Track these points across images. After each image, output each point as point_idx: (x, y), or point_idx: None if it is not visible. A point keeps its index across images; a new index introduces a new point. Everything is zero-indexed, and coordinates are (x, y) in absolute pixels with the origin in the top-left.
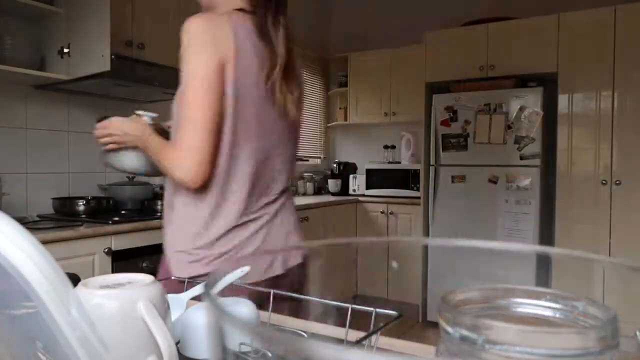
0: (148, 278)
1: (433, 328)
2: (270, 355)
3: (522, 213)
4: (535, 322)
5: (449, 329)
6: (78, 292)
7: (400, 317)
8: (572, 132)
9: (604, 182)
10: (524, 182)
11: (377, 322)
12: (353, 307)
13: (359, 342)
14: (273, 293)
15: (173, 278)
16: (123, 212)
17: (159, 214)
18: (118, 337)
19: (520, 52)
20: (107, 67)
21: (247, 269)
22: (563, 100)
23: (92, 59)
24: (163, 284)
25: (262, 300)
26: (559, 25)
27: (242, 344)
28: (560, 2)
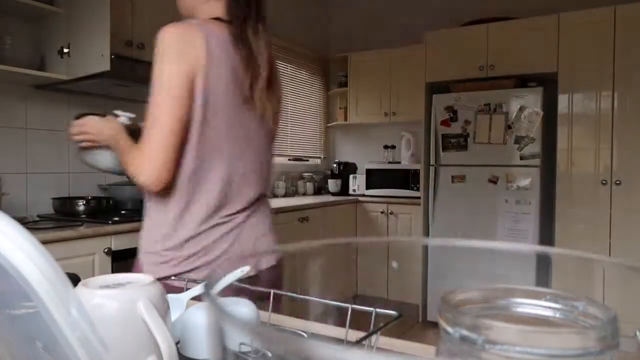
0: (148, 278)
1: (433, 328)
2: (270, 355)
3: (522, 213)
4: (535, 322)
5: (449, 329)
6: (78, 292)
7: (400, 317)
8: (572, 132)
9: (604, 182)
10: (524, 182)
11: (377, 322)
12: (353, 307)
13: (359, 342)
14: (273, 293)
15: (173, 278)
16: (123, 212)
17: None
18: (118, 337)
19: (520, 52)
20: (107, 67)
21: (247, 269)
22: (563, 100)
23: (92, 59)
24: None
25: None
26: (559, 25)
27: (242, 344)
28: (560, 2)
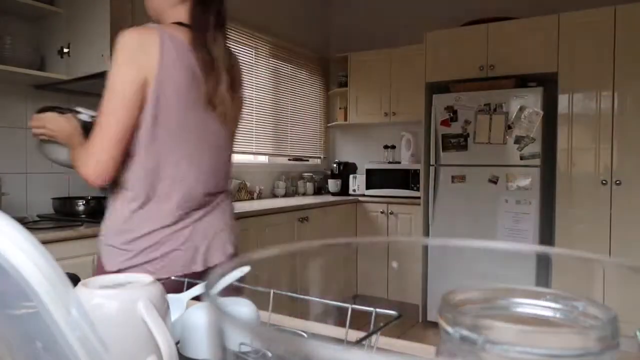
0: (148, 278)
1: (433, 328)
2: (270, 355)
3: (522, 213)
4: (535, 322)
5: (449, 329)
6: (78, 292)
7: (400, 317)
8: (572, 132)
9: (604, 182)
10: (524, 182)
11: (377, 322)
12: (353, 307)
13: (359, 342)
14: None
15: (173, 278)
16: None
17: None
18: (118, 337)
19: (520, 52)
20: (107, 67)
21: (247, 269)
22: (563, 100)
23: (92, 59)
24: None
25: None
26: (559, 25)
27: (242, 344)
28: (560, 2)
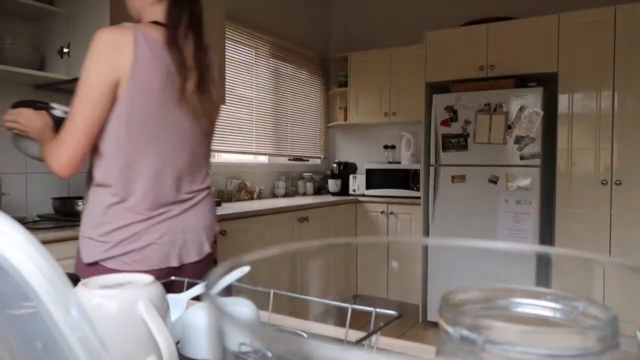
0: (148, 278)
1: (433, 328)
2: (270, 355)
3: (522, 213)
4: (535, 322)
5: (449, 329)
6: (78, 292)
7: (400, 317)
8: (572, 132)
9: (604, 182)
10: (524, 182)
11: (377, 322)
12: (353, 307)
13: (359, 342)
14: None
15: (173, 278)
16: None
17: None
18: (118, 337)
19: (520, 52)
20: None
21: (247, 269)
22: (563, 100)
23: None
24: (77, 267)
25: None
26: (559, 25)
27: (242, 344)
28: (560, 2)
